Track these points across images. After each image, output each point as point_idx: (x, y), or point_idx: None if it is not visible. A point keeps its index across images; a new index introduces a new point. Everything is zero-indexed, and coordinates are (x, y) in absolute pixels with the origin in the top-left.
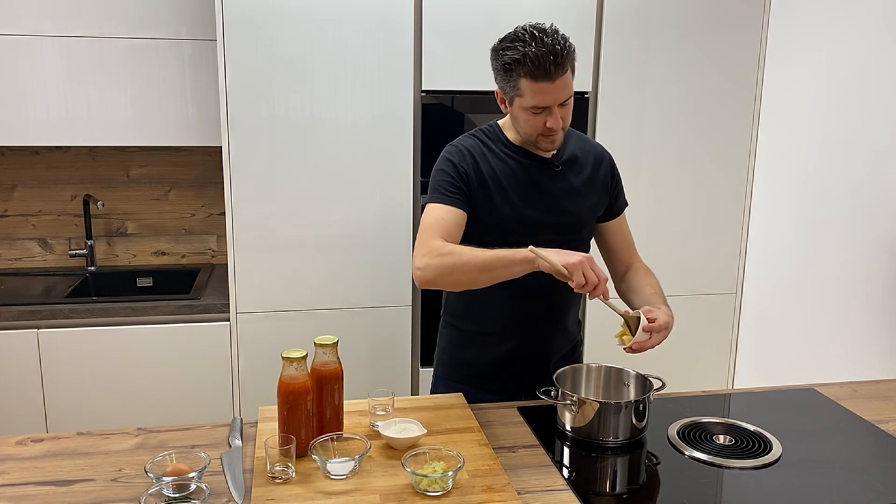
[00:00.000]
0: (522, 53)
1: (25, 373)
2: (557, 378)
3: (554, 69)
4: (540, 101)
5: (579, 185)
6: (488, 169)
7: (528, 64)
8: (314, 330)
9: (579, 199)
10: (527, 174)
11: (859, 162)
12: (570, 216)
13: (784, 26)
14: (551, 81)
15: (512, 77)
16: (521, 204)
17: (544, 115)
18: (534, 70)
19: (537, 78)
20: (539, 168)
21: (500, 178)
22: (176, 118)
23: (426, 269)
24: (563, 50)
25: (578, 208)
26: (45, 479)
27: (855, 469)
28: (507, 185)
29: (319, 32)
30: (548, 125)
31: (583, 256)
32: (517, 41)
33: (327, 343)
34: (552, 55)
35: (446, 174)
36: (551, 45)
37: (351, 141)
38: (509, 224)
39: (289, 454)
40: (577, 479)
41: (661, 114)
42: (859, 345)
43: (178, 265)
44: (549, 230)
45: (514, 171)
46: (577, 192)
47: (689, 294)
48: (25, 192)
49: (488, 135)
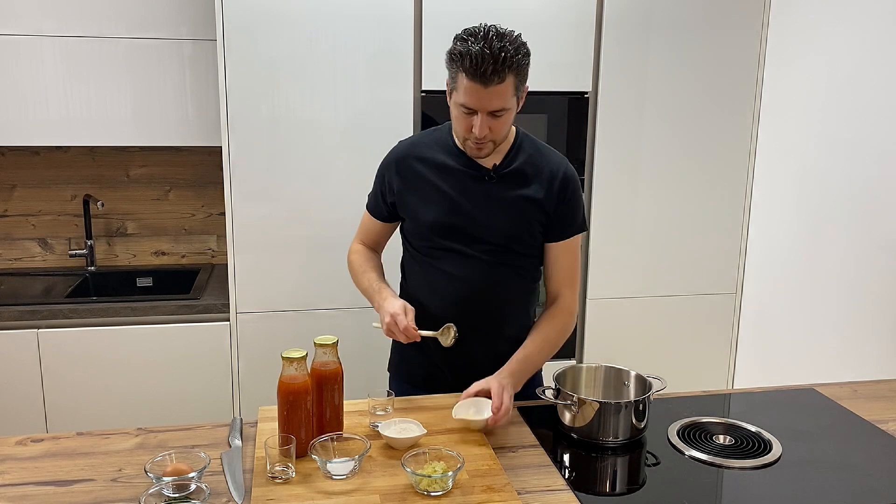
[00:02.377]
0: (467, 49)
1: (25, 373)
2: (557, 378)
3: (490, 74)
4: (468, 101)
5: (515, 199)
6: (415, 174)
7: (467, 61)
8: (314, 330)
9: (511, 213)
10: (458, 182)
11: (859, 162)
12: (494, 229)
13: (784, 26)
14: (484, 86)
15: (455, 68)
16: (445, 211)
17: (471, 119)
18: (469, 69)
19: (472, 78)
20: (472, 176)
21: (429, 183)
22: (176, 118)
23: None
24: (507, 59)
25: (508, 222)
26: (45, 479)
27: (855, 469)
28: (434, 191)
29: (319, 32)
30: (473, 130)
31: (388, 320)
32: (470, 36)
33: (327, 343)
34: (493, 59)
35: (376, 183)
36: (498, 49)
37: (351, 141)
38: (432, 229)
39: (289, 454)
40: (577, 479)
41: (660, 114)
42: (859, 345)
43: (178, 265)
44: (474, 239)
45: (443, 177)
46: (510, 205)
47: (689, 294)
48: (25, 192)
49: (438, 135)
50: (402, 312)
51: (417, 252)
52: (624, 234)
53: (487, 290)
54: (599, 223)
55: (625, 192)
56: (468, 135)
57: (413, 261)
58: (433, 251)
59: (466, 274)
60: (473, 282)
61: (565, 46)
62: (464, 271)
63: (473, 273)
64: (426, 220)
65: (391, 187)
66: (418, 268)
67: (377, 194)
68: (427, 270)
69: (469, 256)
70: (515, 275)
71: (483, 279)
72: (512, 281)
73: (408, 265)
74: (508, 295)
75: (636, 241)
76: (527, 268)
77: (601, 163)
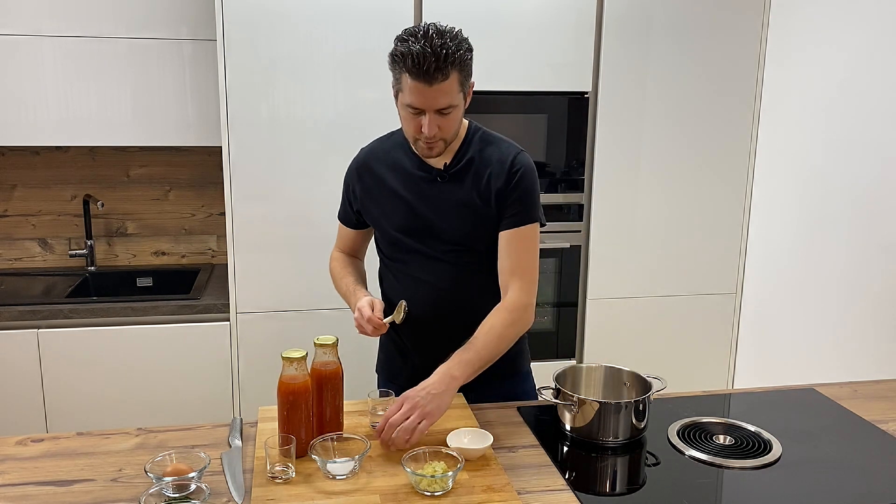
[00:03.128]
0: (408, 49)
1: (25, 373)
2: (557, 378)
3: (434, 72)
4: (414, 101)
5: (465, 196)
6: (376, 179)
7: (410, 61)
8: (314, 330)
9: (462, 213)
10: (414, 185)
11: (859, 162)
12: (450, 230)
13: (784, 26)
14: (429, 84)
15: (398, 69)
16: (403, 215)
17: (419, 119)
18: (412, 68)
19: (416, 77)
20: (425, 179)
21: (388, 188)
22: (176, 118)
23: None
24: (449, 55)
25: (459, 222)
26: (45, 479)
27: (855, 469)
28: (392, 195)
29: (319, 32)
30: (422, 130)
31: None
32: (410, 35)
33: (327, 343)
34: (434, 57)
35: (343, 191)
36: (439, 47)
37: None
38: (393, 233)
39: (289, 454)
40: (577, 479)
41: (660, 114)
42: (859, 345)
43: (178, 265)
44: (433, 240)
45: (400, 181)
46: (465, 204)
47: (689, 294)
48: (25, 192)
49: (393, 139)
50: (367, 305)
51: (388, 258)
52: (624, 234)
53: (455, 290)
54: (599, 223)
55: (625, 192)
56: (418, 135)
57: (386, 268)
58: (400, 256)
59: (433, 277)
60: (441, 284)
61: (565, 46)
62: (431, 275)
63: (440, 275)
64: (388, 225)
65: (355, 194)
66: (391, 274)
67: (344, 202)
68: (397, 276)
69: (433, 259)
70: (481, 272)
71: (450, 280)
72: (478, 279)
73: (382, 273)
74: (476, 293)
75: (636, 242)
76: (482, 264)
77: (601, 163)
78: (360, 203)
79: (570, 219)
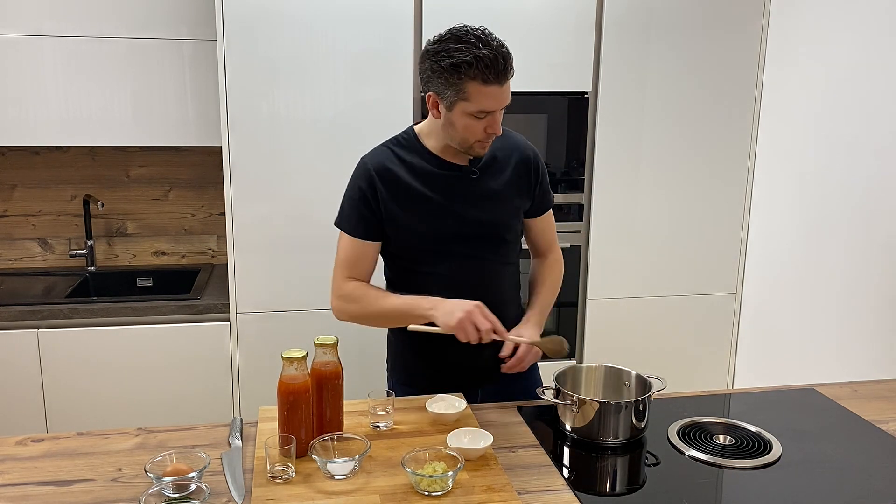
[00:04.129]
0: (475, 56)
1: (25, 373)
2: (557, 378)
3: (504, 73)
4: (487, 104)
5: (499, 189)
6: (398, 184)
7: (481, 66)
8: (314, 330)
9: (499, 204)
10: (444, 185)
11: (859, 162)
12: (490, 224)
13: (784, 26)
14: (500, 85)
15: (459, 80)
16: (437, 217)
17: (486, 121)
18: (485, 73)
19: (488, 81)
20: (456, 177)
21: (412, 191)
22: (176, 118)
23: (341, 313)
24: (508, 53)
25: (498, 214)
26: (45, 479)
27: (855, 469)
28: (421, 199)
29: (319, 32)
30: (488, 130)
31: (465, 313)
32: (461, 43)
33: (327, 343)
34: (503, 58)
35: (355, 203)
36: (498, 47)
37: (351, 141)
38: (427, 238)
39: (289, 454)
40: (577, 479)
41: (661, 114)
42: (859, 345)
43: (178, 265)
44: (470, 238)
45: (427, 183)
46: (497, 196)
47: (689, 294)
48: (25, 192)
49: (404, 144)
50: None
51: (411, 263)
52: (624, 234)
53: (488, 285)
54: (599, 223)
55: (625, 192)
56: (482, 136)
57: (406, 274)
58: (429, 258)
59: (465, 274)
60: (473, 280)
61: (565, 46)
62: (462, 272)
63: (472, 272)
64: (419, 228)
65: (376, 202)
66: (414, 279)
67: (362, 214)
68: (423, 280)
69: (466, 256)
70: (507, 263)
71: (482, 275)
72: (506, 269)
73: (398, 281)
74: (505, 284)
75: (636, 242)
76: (514, 254)
77: (601, 163)
78: (384, 208)
79: (570, 219)
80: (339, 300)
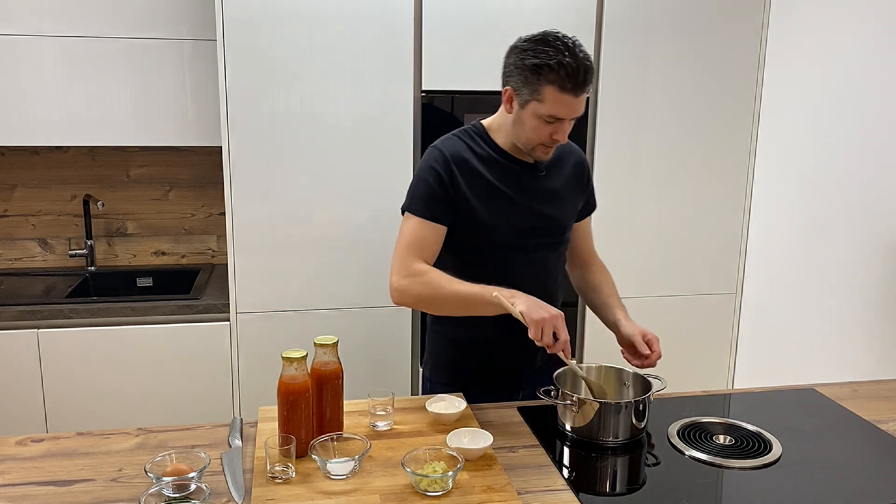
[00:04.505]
0: (558, 61)
1: (25, 373)
2: (557, 378)
3: (582, 85)
4: (559, 111)
5: (561, 187)
6: (473, 173)
7: (562, 73)
8: (314, 330)
9: (561, 203)
10: (513, 179)
11: (859, 162)
12: (554, 220)
13: (784, 26)
14: (576, 96)
15: (537, 80)
16: (507, 210)
17: (554, 126)
18: (564, 81)
19: (565, 89)
20: (524, 173)
21: (485, 182)
22: (176, 118)
23: (405, 293)
24: (591, 68)
25: (561, 212)
26: (45, 479)
27: (855, 469)
28: (493, 190)
29: (319, 32)
30: (554, 137)
31: (550, 316)
32: (549, 46)
33: (327, 343)
34: (584, 70)
35: (428, 185)
36: (583, 59)
37: (351, 141)
38: (496, 229)
39: (289, 454)
40: (577, 479)
41: (660, 114)
42: (859, 345)
43: (178, 265)
44: (535, 234)
45: (499, 176)
46: (559, 195)
47: (689, 294)
48: (25, 192)
49: (474, 136)
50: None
51: (472, 254)
52: (624, 233)
53: (546, 280)
54: (599, 223)
55: (625, 192)
56: (546, 141)
57: (465, 266)
58: (491, 250)
59: (527, 269)
60: (534, 276)
61: None
62: (524, 267)
63: (533, 267)
64: (489, 219)
65: (453, 187)
66: (471, 271)
67: (436, 195)
68: (480, 272)
69: (529, 251)
70: (562, 259)
71: (542, 271)
72: (560, 265)
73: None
74: (559, 281)
75: (636, 241)
76: (564, 256)
77: (601, 163)
78: (458, 194)
79: None
80: (407, 279)
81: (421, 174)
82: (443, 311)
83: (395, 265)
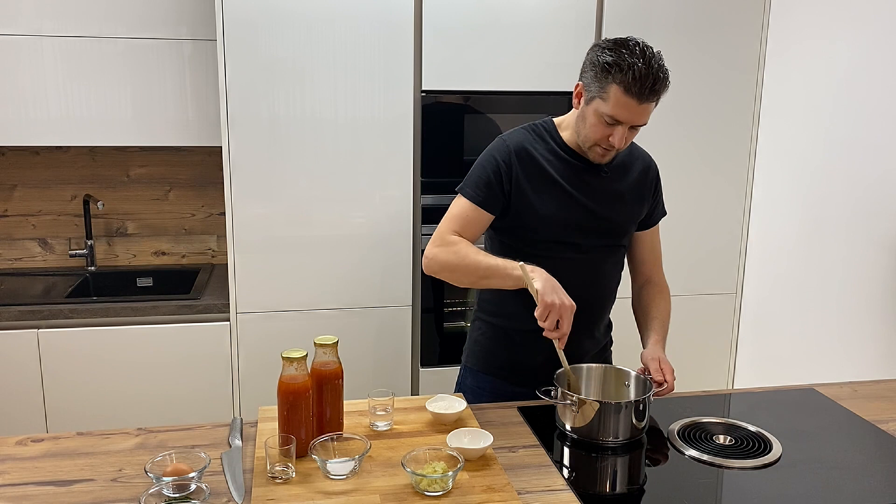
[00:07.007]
0: (629, 64)
1: (25, 373)
2: (557, 378)
3: (648, 93)
4: (618, 114)
5: (625, 191)
6: (534, 165)
7: (629, 76)
8: (314, 330)
9: (623, 206)
10: (575, 176)
11: (859, 162)
12: (613, 222)
13: (784, 26)
14: (639, 102)
15: (605, 78)
16: (565, 205)
17: (613, 129)
18: (630, 84)
19: (630, 92)
20: (588, 171)
21: (548, 177)
22: (176, 118)
23: (433, 260)
24: (663, 80)
25: (621, 215)
26: (45, 479)
27: (855, 469)
28: (553, 184)
29: (319, 32)
30: (611, 140)
31: (561, 303)
32: (626, 49)
33: (327, 343)
34: (653, 79)
35: (485, 171)
36: (657, 70)
37: (351, 141)
38: (552, 223)
39: (289, 454)
40: (577, 479)
41: (660, 114)
42: (859, 345)
43: (178, 265)
44: (591, 233)
45: (562, 172)
46: (622, 198)
47: (689, 294)
48: (25, 192)
49: (542, 131)
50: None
51: (525, 245)
52: None
53: (597, 283)
54: None
55: None
56: (603, 142)
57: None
58: (544, 245)
59: (579, 268)
60: (585, 276)
61: (565, 46)
62: (576, 266)
63: (586, 267)
64: (545, 212)
65: (509, 176)
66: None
67: (490, 183)
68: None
69: (582, 250)
70: (618, 265)
71: (594, 273)
72: (616, 271)
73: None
74: (612, 286)
75: None
76: (622, 258)
77: None
78: (515, 186)
79: None
80: (438, 247)
81: (481, 161)
82: (465, 282)
83: (433, 237)
